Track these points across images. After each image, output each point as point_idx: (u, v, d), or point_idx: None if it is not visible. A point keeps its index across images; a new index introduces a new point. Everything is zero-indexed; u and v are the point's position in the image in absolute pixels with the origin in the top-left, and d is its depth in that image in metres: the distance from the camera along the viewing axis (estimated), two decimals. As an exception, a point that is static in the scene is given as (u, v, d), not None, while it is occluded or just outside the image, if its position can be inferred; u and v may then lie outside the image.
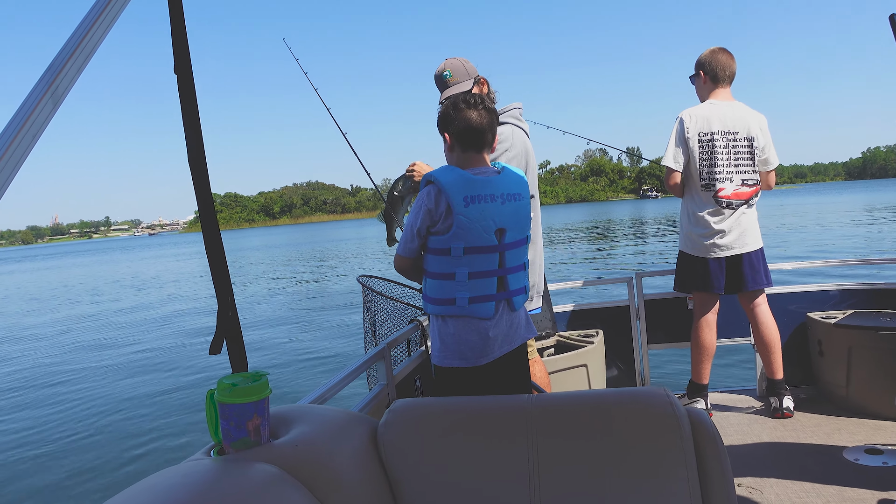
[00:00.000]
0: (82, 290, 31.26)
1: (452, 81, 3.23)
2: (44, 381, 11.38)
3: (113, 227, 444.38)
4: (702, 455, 1.51)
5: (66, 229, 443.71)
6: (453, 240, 2.40)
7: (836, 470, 3.20)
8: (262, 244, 71.38)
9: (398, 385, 2.84)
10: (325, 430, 1.52)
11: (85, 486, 6.35)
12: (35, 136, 1.01)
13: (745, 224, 3.93)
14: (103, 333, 16.42)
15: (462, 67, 3.27)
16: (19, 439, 8.02)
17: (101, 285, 33.34)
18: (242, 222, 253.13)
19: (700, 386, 4.12)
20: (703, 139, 3.91)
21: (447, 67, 3.26)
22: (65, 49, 1.11)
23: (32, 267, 66.88)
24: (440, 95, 3.24)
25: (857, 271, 11.55)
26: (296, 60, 4.42)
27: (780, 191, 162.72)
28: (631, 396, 1.62)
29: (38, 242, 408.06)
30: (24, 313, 23.28)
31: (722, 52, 4.00)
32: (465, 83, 3.22)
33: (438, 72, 3.28)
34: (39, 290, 34.33)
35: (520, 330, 2.63)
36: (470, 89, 3.17)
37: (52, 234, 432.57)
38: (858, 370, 3.90)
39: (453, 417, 1.65)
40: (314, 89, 4.42)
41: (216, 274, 1.48)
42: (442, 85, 3.27)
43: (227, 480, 1.24)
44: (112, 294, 27.90)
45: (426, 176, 2.48)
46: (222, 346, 1.47)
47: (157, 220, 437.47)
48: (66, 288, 33.81)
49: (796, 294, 4.44)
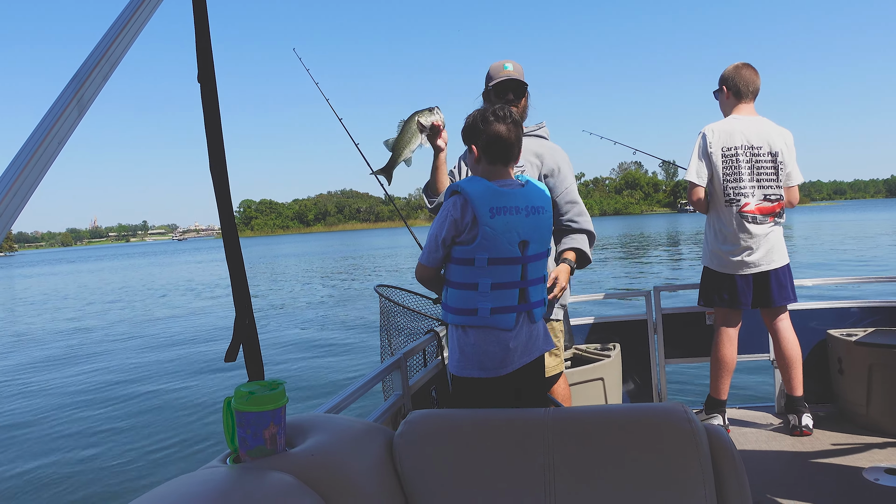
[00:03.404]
0: (107, 294, 31.67)
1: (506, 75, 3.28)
2: (60, 384, 11.47)
3: (150, 231, 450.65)
4: (720, 473, 1.50)
5: (104, 232, 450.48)
6: (478, 250, 2.41)
7: (855, 490, 3.17)
8: (295, 251, 71.72)
9: (414, 396, 2.87)
10: (341, 439, 1.52)
11: (101, 491, 6.35)
12: (61, 143, 1.03)
13: (773, 241, 3.92)
14: (123, 337, 16.57)
15: (521, 71, 3.32)
16: (34, 443, 8.05)
17: (128, 289, 33.74)
18: (277, 229, 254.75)
19: (718, 401, 4.11)
20: (726, 154, 3.92)
21: (510, 62, 3.30)
22: (91, 58, 1.13)
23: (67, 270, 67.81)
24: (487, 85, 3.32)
25: (884, 288, 11.40)
26: (307, 71, 4.57)
27: (817, 207, 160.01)
28: (649, 412, 1.62)
29: (76, 245, 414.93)
30: (48, 315, 23.54)
31: (746, 67, 4.01)
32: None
33: (499, 64, 3.31)
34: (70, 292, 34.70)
35: (538, 342, 2.63)
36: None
37: (90, 237, 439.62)
38: (879, 389, 3.87)
39: (469, 430, 1.65)
40: (325, 100, 4.57)
41: (235, 282, 1.50)
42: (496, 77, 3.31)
43: (243, 488, 1.24)
44: (137, 298, 28.23)
45: (452, 186, 2.50)
46: (238, 353, 1.49)
47: (192, 226, 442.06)
48: (88, 291, 34.23)
49: (817, 311, 4.41)
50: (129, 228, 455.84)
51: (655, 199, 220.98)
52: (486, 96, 3.38)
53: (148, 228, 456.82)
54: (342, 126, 4.48)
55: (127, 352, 14.26)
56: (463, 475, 1.58)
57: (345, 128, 4.46)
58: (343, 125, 4.47)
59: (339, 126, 4.48)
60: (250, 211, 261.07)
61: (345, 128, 4.46)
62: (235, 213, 1.56)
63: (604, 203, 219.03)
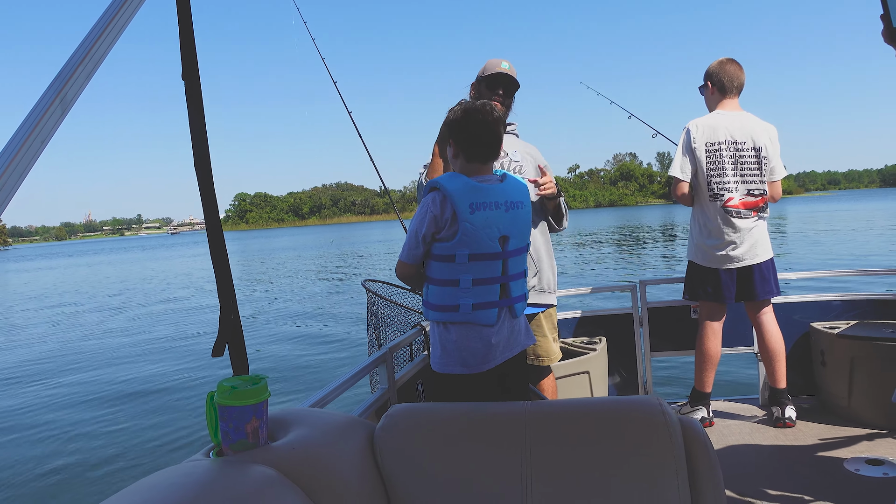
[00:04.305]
0: (94, 289, 31.54)
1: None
2: (44, 378, 11.46)
3: (145, 224, 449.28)
4: (693, 464, 1.53)
5: (98, 226, 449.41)
6: (458, 246, 2.41)
7: (837, 480, 3.22)
8: (291, 244, 71.58)
9: (400, 389, 2.89)
10: (322, 433, 1.54)
11: (84, 484, 6.36)
12: (44, 142, 1.02)
13: (757, 235, 3.97)
14: (108, 332, 16.57)
15: (515, 73, 3.39)
16: (17, 437, 8.06)
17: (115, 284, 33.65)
18: (272, 222, 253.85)
19: (703, 394, 4.16)
20: (709, 149, 3.95)
21: (507, 62, 3.35)
22: (74, 56, 1.12)
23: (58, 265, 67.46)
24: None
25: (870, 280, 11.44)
26: (322, 60, 4.61)
27: (812, 197, 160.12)
28: (624, 405, 1.64)
29: (71, 239, 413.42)
30: (30, 311, 23.51)
31: (730, 63, 4.04)
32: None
33: (497, 60, 3.36)
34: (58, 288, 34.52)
35: (520, 337, 2.63)
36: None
37: (85, 230, 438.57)
38: (860, 381, 3.92)
39: (450, 423, 1.67)
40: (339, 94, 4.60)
41: (220, 278, 1.51)
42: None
43: (224, 481, 1.26)
44: (122, 292, 28.19)
45: (430, 182, 2.48)
46: (224, 348, 1.51)
47: (188, 219, 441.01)
48: (77, 287, 34.00)
49: (800, 304, 4.46)
50: (123, 222, 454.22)
51: (650, 190, 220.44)
52: (475, 87, 3.42)
53: (143, 222, 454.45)
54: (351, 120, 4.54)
55: (115, 348, 14.22)
56: (442, 468, 1.60)
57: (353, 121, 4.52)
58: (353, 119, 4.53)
59: (337, 118, 4.60)
60: (245, 204, 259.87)
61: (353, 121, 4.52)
62: (230, 206, 1.57)
63: (598, 195, 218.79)
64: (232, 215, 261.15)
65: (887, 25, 1.98)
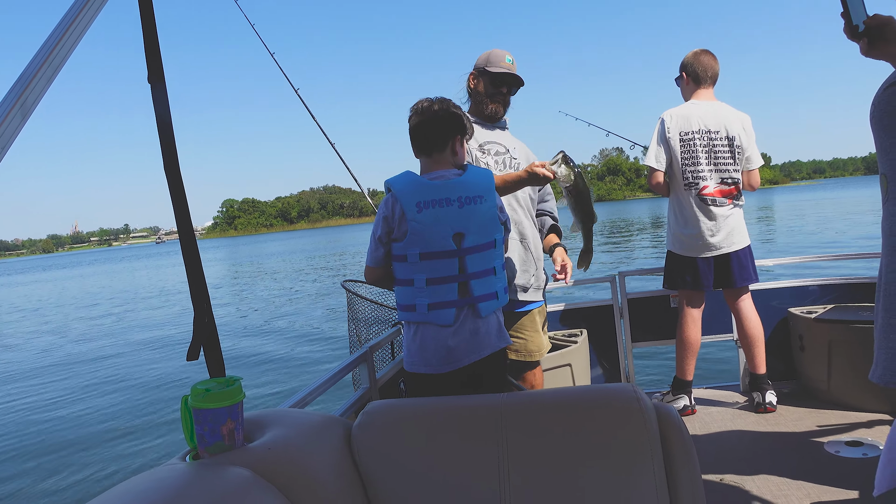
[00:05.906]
0: (75, 299, 31.57)
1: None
2: (19, 386, 11.47)
3: (132, 234, 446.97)
4: (669, 450, 1.54)
5: (86, 237, 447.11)
6: (409, 246, 2.37)
7: (818, 462, 3.26)
8: (280, 250, 71.27)
9: (382, 388, 2.90)
10: (299, 432, 1.53)
11: (61, 490, 6.35)
12: (4, 149, 1.01)
13: (733, 224, 4.01)
14: (85, 340, 16.56)
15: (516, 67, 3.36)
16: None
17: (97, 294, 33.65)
18: (260, 227, 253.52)
19: (684, 382, 4.19)
20: (683, 138, 3.99)
21: (511, 56, 3.29)
22: (34, 61, 1.10)
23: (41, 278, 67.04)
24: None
25: (848, 265, 11.58)
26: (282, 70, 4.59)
27: (798, 187, 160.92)
28: (599, 393, 1.65)
29: (58, 251, 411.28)
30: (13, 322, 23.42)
31: (705, 53, 4.08)
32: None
33: (501, 53, 3.30)
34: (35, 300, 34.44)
35: (489, 338, 2.50)
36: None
37: (72, 242, 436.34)
38: (839, 364, 3.97)
39: (427, 417, 1.66)
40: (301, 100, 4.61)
41: (193, 281, 1.51)
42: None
43: (200, 484, 1.25)
44: (102, 301, 28.29)
45: (385, 182, 2.46)
46: (199, 352, 1.51)
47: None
48: (50, 299, 33.94)
49: (778, 290, 4.51)
50: (110, 232, 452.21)
51: (637, 184, 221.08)
52: (474, 79, 3.35)
53: (130, 232, 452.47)
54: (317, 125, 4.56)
55: (94, 354, 14.23)
56: (420, 462, 1.60)
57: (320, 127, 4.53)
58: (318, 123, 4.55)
59: (325, 121, 4.57)
60: (233, 210, 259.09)
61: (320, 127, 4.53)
62: (218, 213, 1.58)
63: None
64: (220, 222, 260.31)
65: (847, 23, 2.01)
